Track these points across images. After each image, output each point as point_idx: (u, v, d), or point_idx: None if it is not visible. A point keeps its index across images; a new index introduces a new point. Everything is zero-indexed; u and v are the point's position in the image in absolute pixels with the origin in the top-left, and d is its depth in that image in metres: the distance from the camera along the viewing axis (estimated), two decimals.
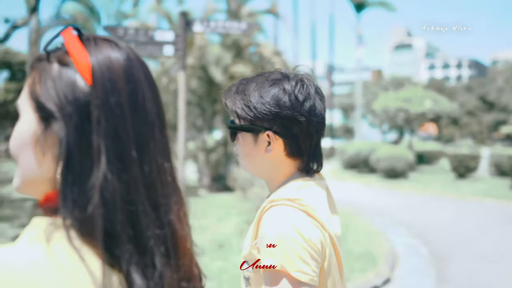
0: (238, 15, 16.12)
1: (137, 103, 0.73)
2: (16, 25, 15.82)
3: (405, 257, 8.10)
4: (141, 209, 0.72)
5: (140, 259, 0.72)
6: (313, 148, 1.37)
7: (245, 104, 1.34)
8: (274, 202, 1.28)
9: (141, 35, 6.13)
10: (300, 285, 1.19)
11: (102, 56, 0.73)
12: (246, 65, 15.11)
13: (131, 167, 0.71)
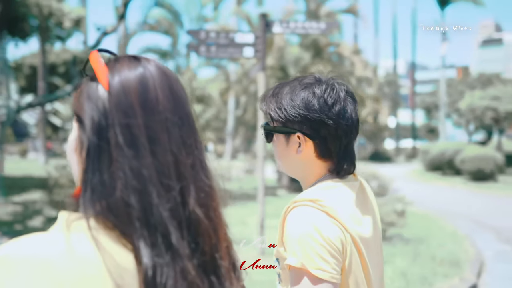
0: (317, 15, 16.07)
1: (147, 105, 0.84)
2: (106, 32, 16.70)
3: (493, 263, 7.72)
4: (152, 190, 0.80)
5: (150, 236, 0.78)
6: (343, 150, 1.40)
7: (277, 107, 1.40)
8: (297, 202, 1.34)
9: (222, 38, 6.30)
10: (320, 282, 1.23)
11: (119, 69, 0.87)
12: (325, 65, 15.04)
13: (143, 156, 0.81)
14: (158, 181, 0.81)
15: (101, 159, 0.81)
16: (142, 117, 0.83)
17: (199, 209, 0.84)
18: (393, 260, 6.84)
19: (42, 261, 0.73)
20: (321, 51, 15.90)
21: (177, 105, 0.87)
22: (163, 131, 0.84)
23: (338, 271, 1.27)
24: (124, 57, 0.91)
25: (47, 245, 0.75)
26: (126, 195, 0.79)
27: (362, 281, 1.35)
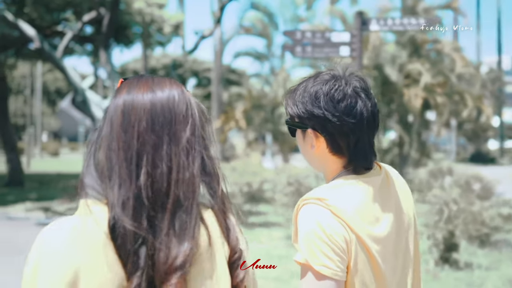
0: (414, 11, 15.55)
1: (151, 124, 1.07)
2: (204, 36, 17.33)
3: None
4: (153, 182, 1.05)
5: (151, 215, 1.02)
6: (353, 146, 1.39)
7: (292, 103, 1.44)
8: (305, 200, 1.37)
9: (317, 38, 6.31)
10: (323, 278, 1.26)
11: (132, 90, 1.11)
12: (423, 63, 14.52)
13: (142, 163, 1.05)
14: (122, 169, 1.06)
15: (109, 163, 1.08)
16: (145, 133, 1.07)
17: (215, 199, 1.13)
18: (499, 267, 6.47)
19: (74, 229, 1.02)
20: (419, 48, 15.36)
21: (177, 123, 1.09)
22: (160, 144, 1.07)
23: (342, 268, 1.29)
24: (123, 84, 1.15)
25: (69, 224, 1.04)
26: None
27: (370, 281, 1.34)
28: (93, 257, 0.99)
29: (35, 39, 13.15)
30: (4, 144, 18.07)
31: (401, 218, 1.45)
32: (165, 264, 1.00)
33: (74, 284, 0.97)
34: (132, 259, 0.99)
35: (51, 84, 56.74)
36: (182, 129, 1.08)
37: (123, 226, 1.00)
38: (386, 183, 1.45)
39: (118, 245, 1.00)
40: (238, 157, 19.75)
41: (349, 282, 1.33)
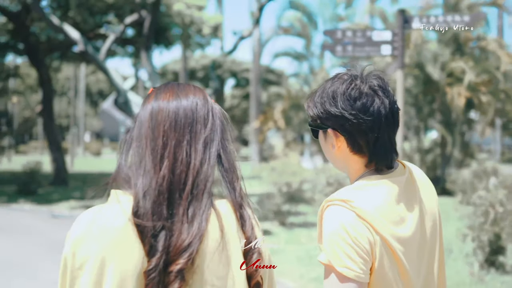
0: (456, 8, 15.18)
1: (174, 124, 1.20)
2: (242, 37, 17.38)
3: None
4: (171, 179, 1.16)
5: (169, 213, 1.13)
6: (373, 145, 1.39)
7: (313, 105, 1.47)
8: (330, 202, 1.38)
9: (358, 37, 6.24)
10: (345, 280, 1.27)
11: (159, 97, 1.25)
12: (467, 61, 14.16)
13: (163, 161, 1.17)
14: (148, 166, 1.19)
15: (138, 160, 1.21)
16: (170, 135, 1.20)
17: (232, 192, 1.24)
18: None
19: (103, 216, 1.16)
20: (462, 46, 14.99)
21: (196, 127, 1.22)
22: (178, 146, 1.19)
23: (364, 270, 1.29)
24: (152, 92, 1.30)
25: (100, 211, 1.18)
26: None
27: (396, 282, 1.35)
28: (117, 239, 1.11)
29: (79, 42, 13.51)
30: (50, 144, 18.62)
31: (426, 218, 1.45)
32: (175, 246, 1.10)
33: (102, 263, 1.10)
34: (152, 243, 1.10)
35: (94, 85, 58.17)
36: (202, 129, 1.21)
37: (145, 212, 1.11)
38: (411, 183, 1.45)
39: (140, 229, 1.11)
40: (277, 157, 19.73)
41: (374, 283, 1.33)
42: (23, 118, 56.47)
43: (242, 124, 62.02)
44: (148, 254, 1.10)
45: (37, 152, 42.19)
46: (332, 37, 6.41)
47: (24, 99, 50.52)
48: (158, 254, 1.09)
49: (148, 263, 1.09)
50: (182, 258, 1.10)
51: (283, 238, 8.67)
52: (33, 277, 6.53)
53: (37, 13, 13.89)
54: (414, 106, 15.40)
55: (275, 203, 9.79)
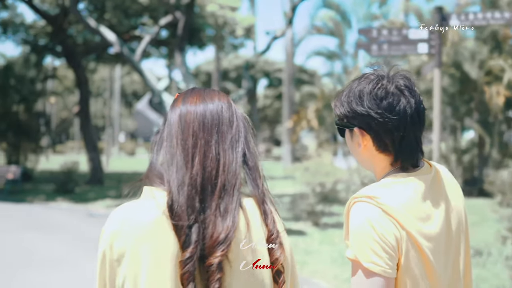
0: (495, 5, 14.79)
1: (202, 125, 1.29)
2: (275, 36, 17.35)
3: None
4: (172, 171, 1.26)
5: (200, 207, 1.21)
6: (398, 143, 1.41)
7: (340, 104, 1.50)
8: (356, 198, 1.40)
9: (394, 35, 6.15)
10: (372, 275, 1.30)
11: (186, 101, 1.35)
12: (506, 59, 13.78)
13: (194, 158, 1.26)
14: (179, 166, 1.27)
15: (170, 160, 1.29)
16: (198, 136, 1.28)
17: (256, 189, 1.31)
18: None
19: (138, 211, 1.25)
20: (501, 43, 14.60)
21: (220, 128, 1.30)
22: (204, 145, 1.27)
23: (391, 265, 1.31)
24: (179, 96, 1.40)
25: (137, 206, 1.26)
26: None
27: (422, 277, 1.36)
28: (152, 232, 1.19)
29: (115, 43, 13.75)
30: (86, 144, 19.02)
31: (451, 217, 1.47)
32: (211, 239, 1.18)
33: (139, 254, 1.18)
34: (186, 234, 1.18)
35: (128, 86, 59.14)
36: (228, 130, 1.30)
37: (179, 206, 1.19)
38: (437, 182, 1.47)
39: (175, 222, 1.18)
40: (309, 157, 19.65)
41: (400, 279, 1.35)
42: (60, 118, 57.84)
43: (275, 124, 61.94)
44: (182, 245, 1.17)
45: (74, 152, 43.17)
46: (367, 35, 6.33)
47: (61, 100, 51.73)
48: (193, 246, 1.17)
49: (182, 254, 1.17)
50: (219, 251, 1.17)
51: (317, 239, 8.62)
52: (70, 273, 6.68)
53: (75, 15, 14.21)
54: (450, 105, 15.09)
55: (309, 203, 9.74)
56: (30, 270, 6.87)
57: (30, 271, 6.82)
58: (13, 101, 19.97)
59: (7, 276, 6.58)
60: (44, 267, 6.99)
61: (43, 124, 21.50)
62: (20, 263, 7.24)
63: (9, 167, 16.86)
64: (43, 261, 7.38)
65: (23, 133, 19.64)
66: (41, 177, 20.35)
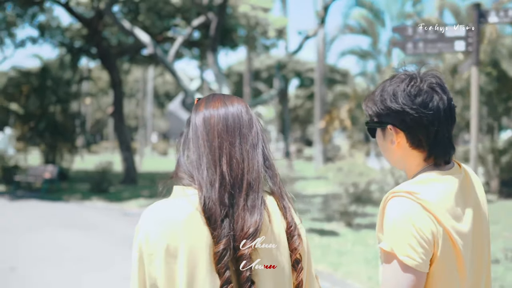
0: None
1: (225, 127, 1.41)
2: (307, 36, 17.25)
3: None
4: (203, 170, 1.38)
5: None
6: (433, 139, 1.47)
7: (372, 103, 1.56)
8: (395, 193, 1.44)
9: (430, 33, 6.04)
10: (406, 268, 1.35)
11: (208, 106, 1.47)
12: None
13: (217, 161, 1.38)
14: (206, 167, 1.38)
15: (194, 158, 1.42)
16: (223, 138, 1.39)
17: (276, 188, 1.44)
18: None
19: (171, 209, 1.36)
20: None
21: (238, 132, 1.41)
22: (228, 147, 1.38)
23: (425, 260, 1.36)
24: (200, 101, 1.51)
25: (172, 205, 1.36)
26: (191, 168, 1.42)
27: (455, 272, 1.42)
28: (186, 227, 1.30)
29: (149, 45, 13.92)
30: (120, 144, 19.32)
31: (478, 217, 1.52)
32: (242, 232, 1.31)
33: (174, 248, 1.29)
34: (219, 228, 1.29)
35: (161, 87, 59.85)
36: (248, 132, 1.42)
37: (212, 201, 1.31)
38: (466, 182, 1.53)
39: (208, 217, 1.30)
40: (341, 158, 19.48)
41: (434, 273, 1.40)
42: (95, 119, 58.96)
43: (306, 124, 61.69)
44: (215, 238, 1.29)
45: (108, 152, 43.92)
46: (402, 33, 6.24)
47: (96, 101, 52.72)
48: (226, 238, 1.28)
49: (216, 246, 1.28)
50: (248, 243, 1.30)
51: (350, 240, 8.54)
52: (104, 271, 6.79)
53: (110, 18, 14.45)
54: (487, 104, 14.72)
55: (342, 204, 9.66)
56: (65, 266, 7.02)
57: (65, 267, 6.97)
58: (50, 102, 20.44)
59: (43, 272, 6.74)
60: (78, 264, 7.13)
61: (78, 125, 21.94)
62: (56, 260, 7.41)
63: (46, 167, 17.27)
64: (77, 258, 7.53)
65: (59, 133, 20.09)
66: (76, 176, 20.79)
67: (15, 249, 8.21)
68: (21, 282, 6.30)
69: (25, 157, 21.00)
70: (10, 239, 9.02)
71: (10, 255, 7.70)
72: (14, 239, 9.03)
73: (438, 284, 1.41)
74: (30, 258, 7.58)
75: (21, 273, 6.70)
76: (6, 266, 6.98)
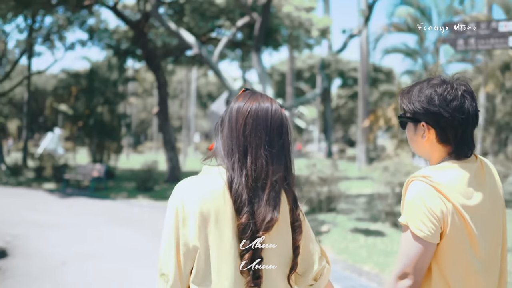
0: None
1: (255, 128, 1.62)
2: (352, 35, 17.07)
3: None
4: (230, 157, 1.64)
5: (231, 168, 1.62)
6: (459, 137, 1.74)
7: (408, 101, 1.81)
8: (414, 177, 1.75)
9: (482, 28, 5.87)
10: (417, 238, 1.68)
11: (244, 99, 1.68)
12: None
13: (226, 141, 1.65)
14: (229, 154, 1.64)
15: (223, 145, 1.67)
16: (246, 133, 1.62)
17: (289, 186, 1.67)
18: None
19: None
20: None
21: (266, 129, 1.63)
22: (254, 143, 1.61)
23: (433, 233, 1.67)
24: (239, 95, 1.72)
25: (202, 180, 1.64)
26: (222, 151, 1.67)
27: (466, 244, 1.70)
28: (217, 197, 1.58)
29: (194, 45, 14.09)
30: (165, 143, 19.64)
31: (493, 199, 1.79)
32: (263, 222, 1.57)
33: (205, 213, 1.57)
34: (241, 205, 1.57)
35: (203, 88, 60.50)
36: (276, 137, 1.63)
37: (239, 184, 1.57)
38: (481, 170, 1.80)
39: (233, 194, 1.57)
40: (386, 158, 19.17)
41: (446, 244, 1.70)
42: (139, 120, 60.14)
43: (348, 124, 61.05)
44: (238, 212, 1.57)
45: (152, 152, 44.73)
46: (453, 30, 6.09)
47: (141, 102, 53.74)
48: (246, 215, 1.56)
49: (239, 220, 1.57)
50: (266, 229, 1.58)
51: (396, 240, 8.40)
52: (149, 267, 6.92)
53: (156, 19, 14.70)
54: None
55: (388, 204, 9.51)
56: (113, 261, 7.20)
57: (113, 262, 7.14)
58: (98, 102, 21.00)
59: (92, 266, 6.93)
60: (126, 259, 7.29)
61: (124, 125, 22.44)
62: (104, 255, 7.60)
63: (94, 165, 17.74)
64: (126, 253, 7.70)
65: (107, 133, 20.61)
66: (122, 175, 21.26)
67: (66, 244, 8.48)
68: (71, 276, 6.50)
69: (74, 156, 21.62)
70: (61, 234, 9.31)
71: (61, 250, 7.96)
72: (64, 234, 9.32)
73: (452, 253, 1.70)
74: (80, 252, 7.81)
75: (71, 267, 6.92)
76: (57, 261, 7.22)
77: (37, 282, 6.21)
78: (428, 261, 1.71)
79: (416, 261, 1.69)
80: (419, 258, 1.69)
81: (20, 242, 8.46)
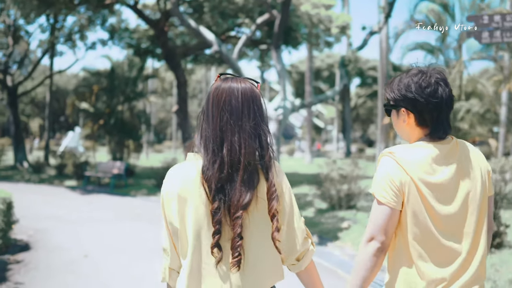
0: None
1: (227, 107, 1.78)
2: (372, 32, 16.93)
3: None
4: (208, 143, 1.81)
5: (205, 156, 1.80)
6: (435, 120, 1.96)
7: (390, 91, 2.06)
8: (383, 154, 2.02)
9: (508, 20, 5.76)
10: (381, 204, 1.94)
11: (223, 82, 1.84)
12: None
13: (206, 127, 1.81)
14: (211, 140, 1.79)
15: (202, 134, 1.83)
16: (222, 114, 1.77)
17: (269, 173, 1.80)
18: None
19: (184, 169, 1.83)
20: None
21: (248, 109, 1.78)
22: (230, 123, 1.75)
23: (395, 200, 1.92)
24: (232, 79, 1.86)
25: (188, 167, 1.82)
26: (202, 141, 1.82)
27: (424, 215, 1.92)
28: (192, 184, 1.77)
29: (214, 43, 14.10)
30: (184, 141, 19.72)
31: (465, 178, 1.96)
32: (238, 202, 1.71)
33: (183, 198, 1.77)
34: (214, 192, 1.72)
35: None
36: (247, 122, 1.75)
37: (211, 174, 1.73)
38: (455, 150, 1.99)
39: (206, 181, 1.74)
40: None
41: (406, 213, 1.93)
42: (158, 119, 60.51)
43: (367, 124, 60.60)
44: (211, 199, 1.73)
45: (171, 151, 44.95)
46: (477, 23, 5.98)
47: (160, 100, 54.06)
48: (217, 202, 1.71)
49: (212, 206, 1.73)
50: (240, 211, 1.71)
51: None
52: None
53: (177, 17, 14.75)
54: None
55: None
56: (133, 254, 7.24)
57: (133, 255, 7.19)
58: (118, 101, 21.17)
59: (114, 259, 6.98)
60: (146, 253, 7.33)
61: (144, 123, 22.58)
62: (125, 248, 7.66)
63: (114, 163, 17.90)
64: (146, 247, 7.75)
65: (127, 131, 20.76)
66: (142, 173, 21.41)
67: (88, 238, 8.56)
68: (93, 268, 6.56)
69: (94, 155, 21.84)
70: (83, 229, 9.41)
71: (84, 244, 8.04)
72: (86, 229, 9.41)
73: (411, 221, 1.93)
74: (102, 246, 7.88)
75: (93, 260, 6.98)
76: (80, 254, 7.29)
77: (60, 274, 6.28)
78: (393, 225, 1.94)
79: (381, 225, 1.93)
80: (383, 222, 1.93)
81: (43, 236, 8.57)
